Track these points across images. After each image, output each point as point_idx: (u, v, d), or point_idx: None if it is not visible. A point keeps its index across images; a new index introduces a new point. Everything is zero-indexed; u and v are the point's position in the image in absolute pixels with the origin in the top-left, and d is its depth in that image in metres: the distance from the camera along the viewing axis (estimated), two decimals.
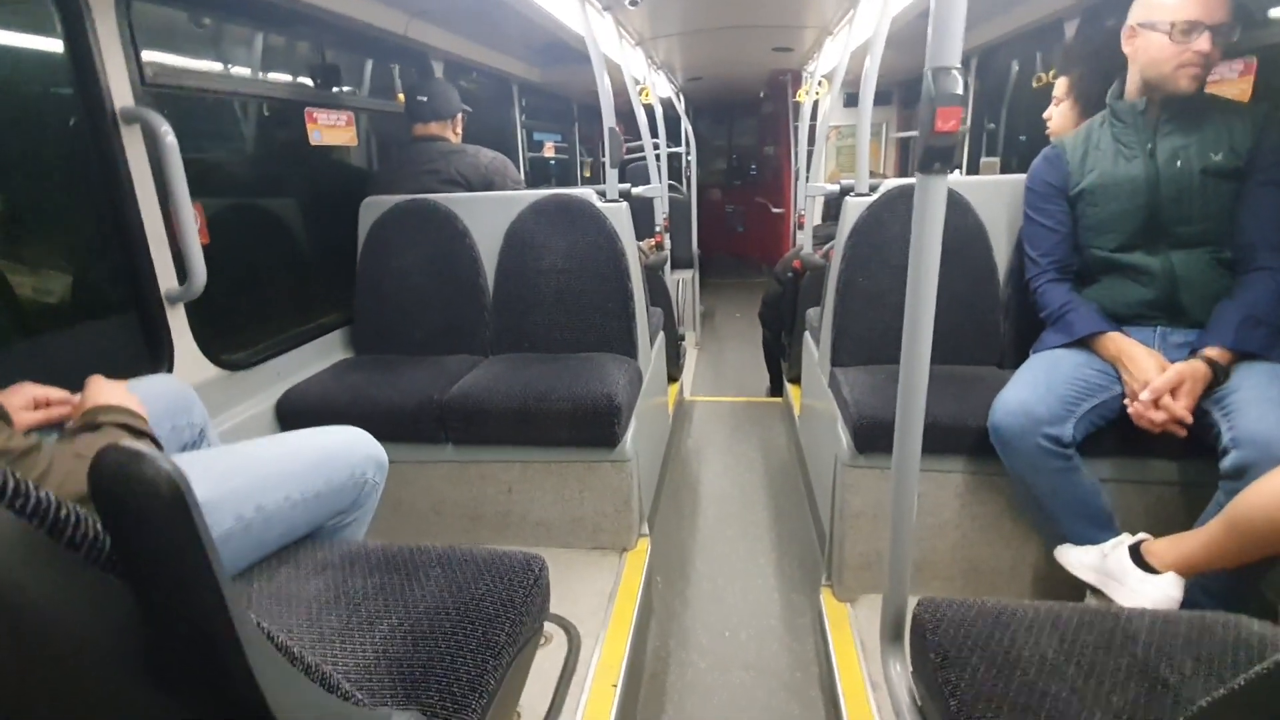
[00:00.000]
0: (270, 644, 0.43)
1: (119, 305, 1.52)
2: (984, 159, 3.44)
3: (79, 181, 1.44)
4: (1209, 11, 1.33)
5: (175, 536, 0.33)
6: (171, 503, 0.32)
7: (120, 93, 1.41)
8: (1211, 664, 0.80)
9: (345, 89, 2.43)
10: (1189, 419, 1.28)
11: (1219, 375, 1.30)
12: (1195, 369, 1.30)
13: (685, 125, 5.26)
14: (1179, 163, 1.42)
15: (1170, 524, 1.37)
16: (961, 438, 1.51)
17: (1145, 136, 1.47)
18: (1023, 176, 1.70)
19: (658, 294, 3.01)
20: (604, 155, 2.13)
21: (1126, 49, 1.47)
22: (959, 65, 0.76)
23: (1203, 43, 1.33)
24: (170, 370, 1.54)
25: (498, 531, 1.88)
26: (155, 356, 1.54)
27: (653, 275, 2.98)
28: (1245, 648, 0.82)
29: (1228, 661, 0.80)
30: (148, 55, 1.51)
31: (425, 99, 2.23)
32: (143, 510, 0.32)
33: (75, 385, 1.05)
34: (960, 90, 0.76)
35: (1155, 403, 1.31)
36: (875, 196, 1.84)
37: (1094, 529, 1.39)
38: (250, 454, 1.10)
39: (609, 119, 2.11)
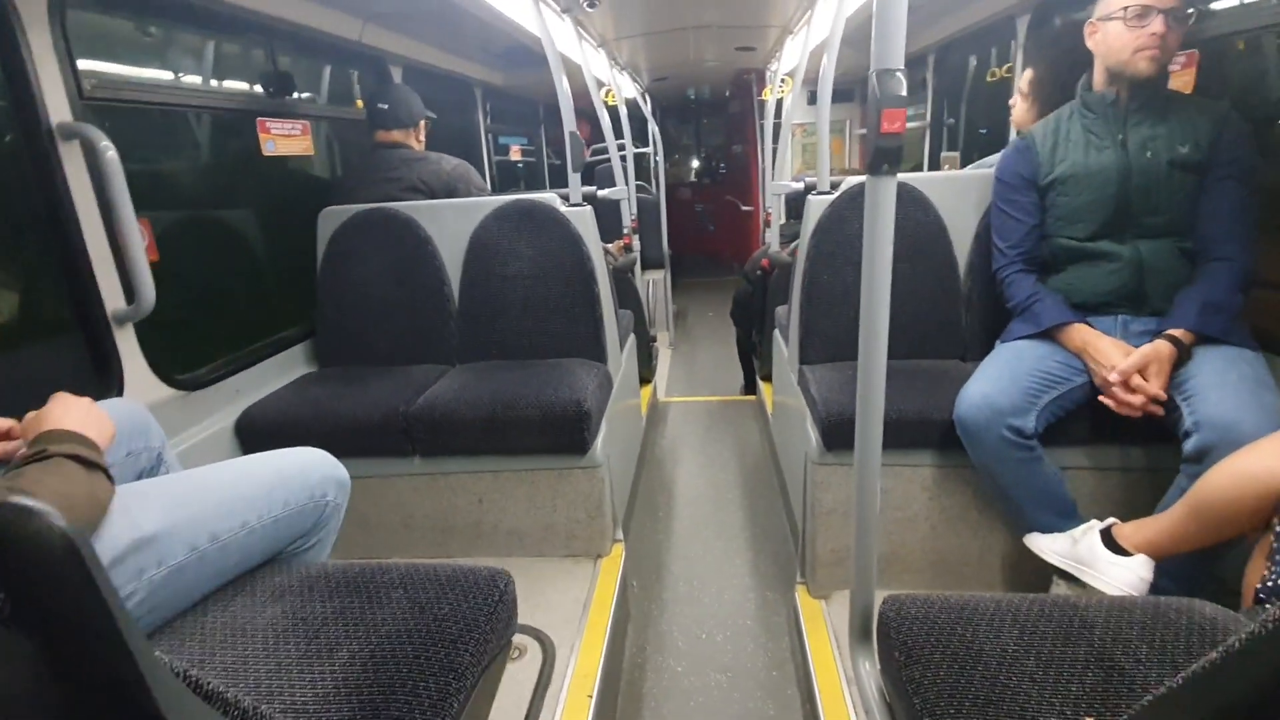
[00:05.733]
0: (193, 693, 0.41)
1: (62, 328, 1.46)
2: (944, 153, 3.50)
3: (15, 200, 1.39)
4: None
5: (73, 593, 0.31)
6: (65, 560, 0.31)
7: (57, 107, 1.36)
8: (1165, 649, 0.81)
9: (303, 95, 2.38)
10: (1163, 395, 1.31)
11: (1183, 354, 1.33)
12: (1159, 349, 1.34)
13: (652, 125, 5.26)
14: (1148, 153, 1.45)
15: (1133, 508, 1.40)
16: (928, 431, 1.53)
17: (1115, 127, 1.49)
18: (981, 171, 1.73)
19: (627, 296, 3.00)
20: (566, 159, 2.11)
21: (1090, 45, 1.50)
22: (903, 67, 0.76)
23: (1156, 24, 1.38)
24: (120, 393, 1.49)
25: (469, 543, 1.85)
26: (104, 379, 1.49)
27: (622, 277, 2.97)
28: (1198, 632, 0.83)
29: (1181, 646, 0.82)
30: (86, 66, 1.46)
31: (386, 106, 2.19)
32: (36, 569, 0.31)
33: (15, 413, 1.01)
34: (904, 92, 0.76)
35: (1127, 385, 1.34)
36: (836, 194, 1.85)
37: (1058, 517, 1.41)
38: (204, 480, 1.07)
39: (569, 123, 2.10)
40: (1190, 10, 1.39)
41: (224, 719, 0.45)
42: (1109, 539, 1.30)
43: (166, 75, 1.83)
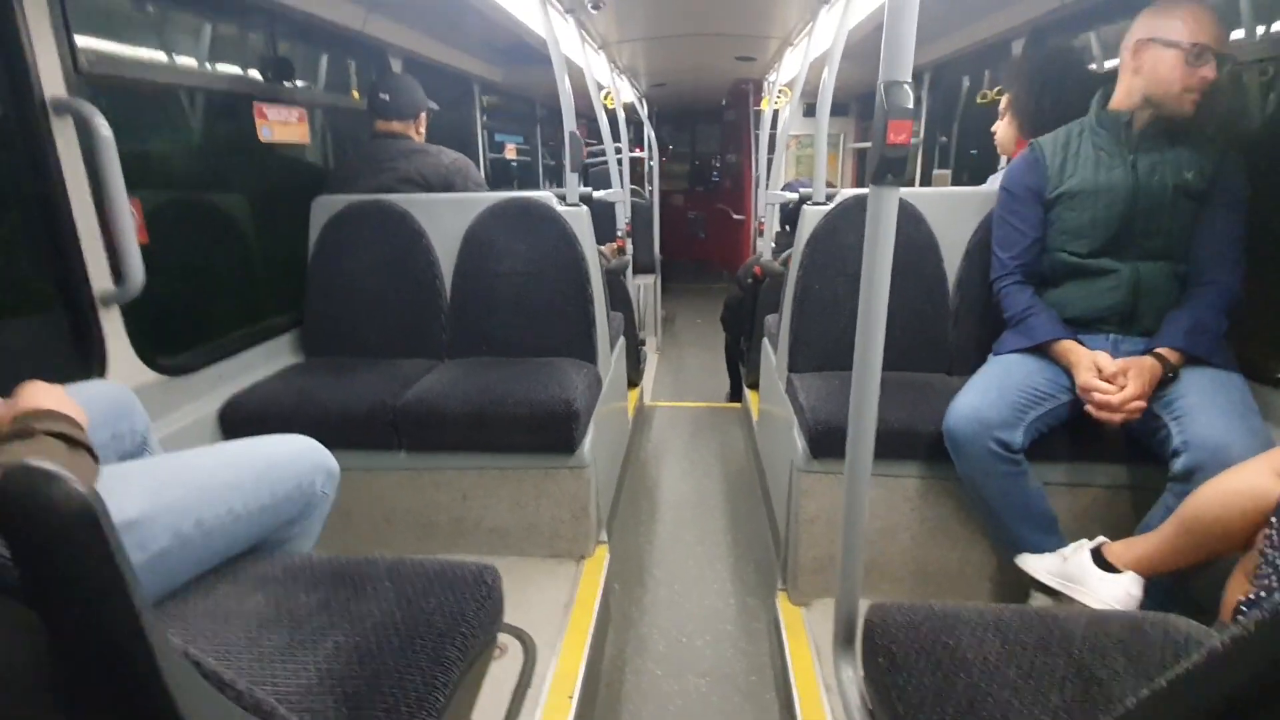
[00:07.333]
0: (196, 671, 0.41)
1: (47, 305, 1.43)
2: (936, 171, 3.55)
3: (4, 175, 1.36)
4: (1219, 38, 1.37)
5: (88, 564, 0.31)
6: (84, 529, 0.30)
7: (51, 81, 1.33)
8: (1141, 661, 0.83)
9: (299, 83, 2.35)
10: (1138, 393, 1.34)
11: (1168, 371, 1.36)
12: (1143, 360, 1.37)
13: (648, 130, 5.28)
14: (1156, 176, 1.47)
15: (1113, 526, 1.43)
16: (913, 442, 1.54)
17: (1127, 147, 1.50)
18: (974, 189, 1.76)
19: (619, 299, 3.01)
20: (565, 159, 2.12)
21: (1130, 61, 1.46)
22: (910, 80, 0.78)
23: (1209, 69, 1.37)
24: (102, 375, 1.46)
25: (452, 540, 1.84)
26: (86, 360, 1.46)
27: (614, 280, 2.97)
28: (1173, 645, 0.85)
29: (1156, 659, 0.84)
30: (83, 41, 1.44)
31: (387, 96, 2.17)
32: (52, 536, 0.30)
33: None
34: (910, 104, 0.77)
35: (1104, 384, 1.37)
36: (832, 205, 1.87)
37: (1038, 533, 1.44)
38: (190, 464, 1.05)
39: (570, 123, 2.10)
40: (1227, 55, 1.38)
41: (225, 699, 0.45)
42: (1099, 557, 1.32)
43: (166, 55, 1.81)
